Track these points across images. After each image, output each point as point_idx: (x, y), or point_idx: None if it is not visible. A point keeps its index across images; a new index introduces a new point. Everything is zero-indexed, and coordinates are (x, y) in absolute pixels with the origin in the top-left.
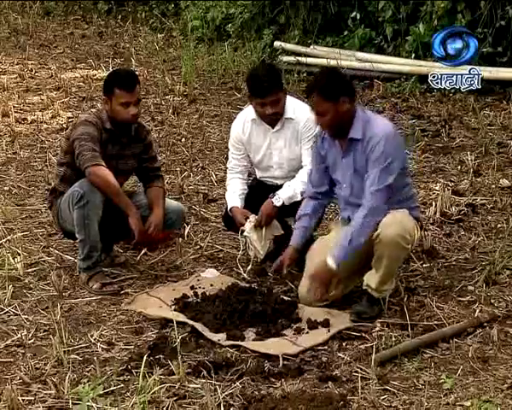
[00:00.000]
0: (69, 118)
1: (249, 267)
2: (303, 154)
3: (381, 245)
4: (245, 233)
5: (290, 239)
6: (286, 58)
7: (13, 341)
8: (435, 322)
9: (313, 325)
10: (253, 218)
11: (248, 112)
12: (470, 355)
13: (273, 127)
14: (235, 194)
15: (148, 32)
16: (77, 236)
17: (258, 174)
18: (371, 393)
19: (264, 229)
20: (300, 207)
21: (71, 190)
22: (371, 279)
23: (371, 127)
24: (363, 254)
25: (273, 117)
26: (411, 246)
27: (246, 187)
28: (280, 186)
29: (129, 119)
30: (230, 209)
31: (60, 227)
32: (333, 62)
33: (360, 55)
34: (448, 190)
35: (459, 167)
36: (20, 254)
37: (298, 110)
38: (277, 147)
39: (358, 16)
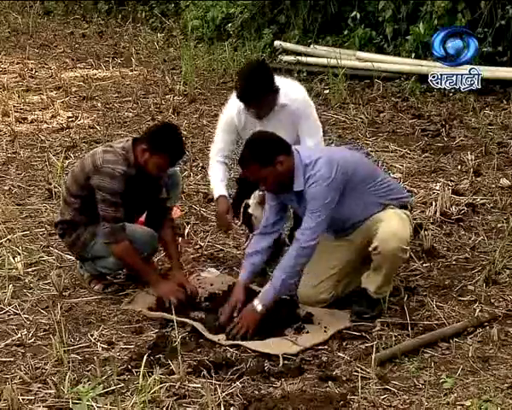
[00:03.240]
0: (69, 117)
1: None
2: (302, 134)
3: (380, 257)
4: (249, 210)
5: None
6: (286, 58)
7: (13, 340)
8: (435, 322)
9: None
10: (257, 194)
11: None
12: (470, 355)
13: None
14: (222, 183)
15: (148, 32)
16: (99, 264)
17: None
18: (371, 393)
19: None
20: (250, 244)
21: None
22: (369, 283)
23: (309, 170)
24: (360, 256)
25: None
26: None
27: (229, 174)
28: None
29: (158, 175)
30: (217, 198)
31: (77, 255)
32: (333, 62)
33: (360, 54)
34: (448, 189)
35: (459, 167)
36: (20, 254)
37: (290, 93)
38: (270, 129)
39: (358, 16)
